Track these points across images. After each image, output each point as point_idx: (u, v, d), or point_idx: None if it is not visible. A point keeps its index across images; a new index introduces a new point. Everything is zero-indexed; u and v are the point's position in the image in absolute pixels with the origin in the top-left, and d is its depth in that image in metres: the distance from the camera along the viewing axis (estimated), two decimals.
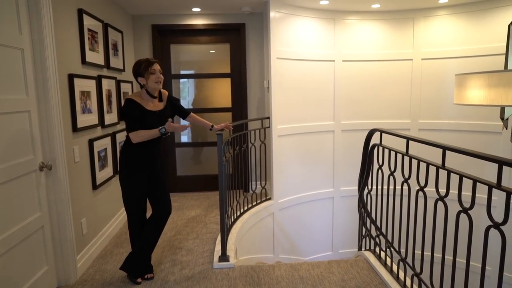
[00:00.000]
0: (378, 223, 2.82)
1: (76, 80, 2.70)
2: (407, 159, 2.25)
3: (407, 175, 2.24)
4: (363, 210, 3.05)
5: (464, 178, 1.73)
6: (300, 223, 4.45)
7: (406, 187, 2.26)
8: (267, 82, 4.31)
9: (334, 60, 4.40)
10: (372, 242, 2.92)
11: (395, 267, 2.56)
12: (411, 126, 4.51)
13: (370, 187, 2.98)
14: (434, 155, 2.24)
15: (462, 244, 2.11)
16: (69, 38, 2.67)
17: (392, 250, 2.58)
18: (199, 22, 4.53)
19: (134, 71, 2.40)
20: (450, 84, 4.27)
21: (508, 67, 3.52)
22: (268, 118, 4.10)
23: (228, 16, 4.54)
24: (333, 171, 4.58)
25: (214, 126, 2.81)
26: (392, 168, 2.47)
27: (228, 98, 4.81)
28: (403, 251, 2.98)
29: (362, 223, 3.08)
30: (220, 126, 2.83)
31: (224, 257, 2.83)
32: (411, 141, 2.25)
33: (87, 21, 2.95)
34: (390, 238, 3.12)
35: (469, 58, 4.15)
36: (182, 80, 4.84)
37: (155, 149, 2.48)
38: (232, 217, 3.49)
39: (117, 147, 3.55)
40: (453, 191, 1.76)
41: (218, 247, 3.07)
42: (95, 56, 3.12)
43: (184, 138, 4.99)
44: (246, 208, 3.86)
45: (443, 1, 4.01)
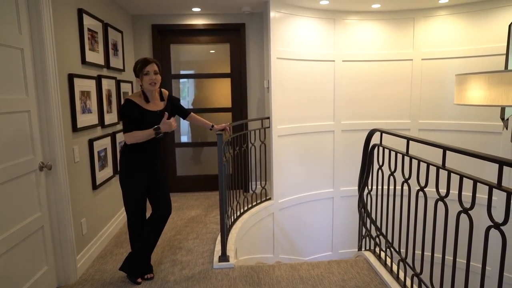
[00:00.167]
0: (378, 223, 2.82)
1: (76, 80, 2.70)
2: (407, 159, 2.25)
3: (407, 175, 2.24)
4: (363, 210, 3.05)
5: (464, 178, 1.73)
6: (300, 223, 4.45)
7: (406, 187, 2.26)
8: (267, 82, 4.31)
9: (334, 60, 4.39)
10: (372, 242, 2.92)
11: (395, 267, 2.56)
12: (411, 126, 4.51)
13: (370, 187, 2.97)
14: (434, 155, 2.24)
15: (462, 244, 2.11)
16: (69, 38, 2.66)
17: (392, 250, 2.57)
18: (199, 22, 4.53)
19: (133, 71, 2.39)
20: (450, 84, 4.26)
21: (509, 67, 3.52)
22: (268, 118, 4.10)
23: (228, 16, 4.54)
24: (333, 171, 4.58)
25: (214, 126, 2.82)
26: (392, 168, 2.47)
27: (228, 98, 4.81)
28: (403, 251, 2.98)
29: (362, 223, 3.08)
30: (220, 126, 2.84)
31: (224, 257, 2.82)
32: (411, 141, 2.25)
33: (87, 21, 2.95)
34: (390, 238, 3.12)
35: (469, 58, 4.15)
36: (182, 80, 4.84)
37: (156, 149, 2.48)
38: (232, 217, 3.49)
39: (117, 147, 3.55)
40: (453, 191, 1.76)
41: (218, 247, 3.07)
42: (95, 56, 3.12)
43: (184, 138, 4.99)
44: (246, 208, 3.86)
45: (443, 1, 4.01)
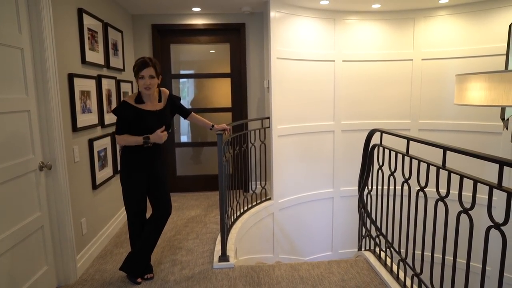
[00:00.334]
0: (378, 223, 2.82)
1: (76, 80, 2.70)
2: (407, 159, 2.25)
3: (407, 176, 2.24)
4: (363, 210, 3.05)
5: (464, 179, 1.73)
6: (300, 223, 4.45)
7: (406, 187, 2.26)
8: (267, 82, 4.31)
9: (334, 60, 4.39)
10: (372, 242, 2.92)
11: (395, 267, 2.56)
12: (411, 126, 4.51)
13: (370, 187, 2.97)
14: (434, 156, 2.24)
15: (463, 245, 2.10)
16: (69, 38, 2.66)
17: (392, 250, 2.57)
18: (199, 22, 4.53)
19: (133, 70, 2.40)
20: (451, 85, 4.26)
21: (509, 68, 3.51)
22: (268, 118, 4.10)
23: (228, 16, 4.53)
24: (333, 171, 4.58)
25: (214, 125, 2.82)
26: (392, 169, 2.47)
27: (228, 98, 4.80)
28: (403, 251, 2.98)
29: (362, 223, 3.08)
30: (220, 126, 2.84)
31: (224, 257, 2.82)
32: (411, 141, 2.25)
33: (87, 20, 2.95)
34: (390, 238, 3.11)
35: (469, 58, 4.15)
36: (182, 80, 4.84)
37: (156, 149, 2.48)
38: (232, 217, 3.48)
39: (117, 147, 3.55)
40: (453, 192, 1.76)
41: (218, 247, 3.07)
42: (95, 56, 3.11)
43: (184, 138, 4.99)
44: (246, 208, 3.85)
45: (443, 1, 4.01)
